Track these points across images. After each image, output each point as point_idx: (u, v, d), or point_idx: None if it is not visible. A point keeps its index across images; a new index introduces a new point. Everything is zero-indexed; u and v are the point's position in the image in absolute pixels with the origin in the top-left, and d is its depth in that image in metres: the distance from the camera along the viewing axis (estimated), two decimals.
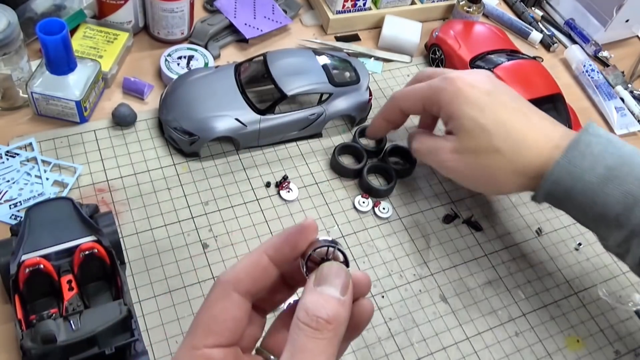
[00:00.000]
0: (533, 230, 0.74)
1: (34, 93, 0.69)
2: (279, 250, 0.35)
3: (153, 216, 0.66)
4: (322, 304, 0.31)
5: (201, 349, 0.33)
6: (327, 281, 0.32)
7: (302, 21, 0.93)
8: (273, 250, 0.35)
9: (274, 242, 0.35)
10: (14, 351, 0.55)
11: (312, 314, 0.31)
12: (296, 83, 0.72)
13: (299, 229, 0.35)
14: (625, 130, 0.89)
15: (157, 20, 0.81)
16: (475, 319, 0.65)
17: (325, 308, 0.31)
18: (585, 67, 0.95)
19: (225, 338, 0.33)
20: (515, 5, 1.05)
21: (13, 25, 0.65)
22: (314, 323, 0.31)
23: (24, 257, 0.53)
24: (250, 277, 0.34)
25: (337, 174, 0.74)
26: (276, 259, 0.35)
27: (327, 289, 0.32)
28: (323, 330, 0.31)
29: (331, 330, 0.31)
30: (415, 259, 0.68)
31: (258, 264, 0.35)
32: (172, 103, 0.71)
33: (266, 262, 0.35)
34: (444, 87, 0.63)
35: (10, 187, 0.65)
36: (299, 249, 0.35)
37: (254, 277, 0.34)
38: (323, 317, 0.31)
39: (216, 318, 0.33)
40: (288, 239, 0.35)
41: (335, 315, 0.31)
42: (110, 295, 0.57)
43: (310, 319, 0.31)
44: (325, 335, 0.31)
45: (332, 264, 0.33)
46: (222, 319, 0.33)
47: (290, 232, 0.35)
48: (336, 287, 0.32)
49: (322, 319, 0.31)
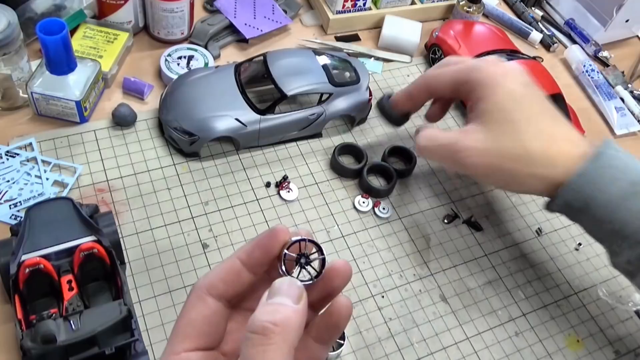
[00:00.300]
0: (533, 230, 0.74)
1: (34, 93, 0.69)
2: (250, 254, 0.35)
3: (153, 216, 0.66)
4: (272, 310, 0.31)
5: (180, 353, 0.33)
6: (278, 293, 0.32)
7: (302, 21, 0.93)
8: (245, 255, 0.35)
9: (246, 247, 0.35)
10: (14, 351, 0.55)
11: (258, 320, 0.30)
12: (296, 83, 0.72)
13: (270, 233, 0.35)
14: (625, 130, 0.89)
15: (157, 20, 0.81)
16: (475, 319, 0.65)
17: (273, 313, 0.31)
18: (585, 67, 0.95)
19: (202, 341, 0.34)
20: (515, 5, 1.05)
21: (13, 25, 0.65)
22: (260, 329, 0.30)
23: (24, 257, 0.53)
24: (223, 281, 0.35)
25: (337, 174, 0.74)
26: (249, 264, 0.35)
27: (277, 299, 0.32)
28: (270, 335, 0.30)
29: (279, 334, 0.30)
30: (415, 259, 0.68)
31: (231, 269, 0.35)
32: (172, 103, 0.71)
33: (239, 266, 0.35)
34: (480, 67, 0.60)
35: (10, 187, 0.65)
36: (271, 253, 0.35)
37: (226, 281, 0.35)
38: (270, 320, 0.30)
39: (192, 322, 0.34)
40: (259, 243, 0.35)
41: (282, 320, 0.30)
42: (110, 295, 0.57)
43: (257, 327, 0.30)
44: (272, 340, 0.29)
45: (284, 280, 0.33)
46: (199, 323, 0.34)
47: (261, 237, 0.35)
48: (288, 297, 0.32)
49: (269, 323, 0.30)
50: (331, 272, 0.35)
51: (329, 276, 0.35)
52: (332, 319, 0.35)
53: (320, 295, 0.36)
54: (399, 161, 0.77)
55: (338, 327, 0.36)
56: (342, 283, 0.36)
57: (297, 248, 0.34)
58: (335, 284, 0.35)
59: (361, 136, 0.79)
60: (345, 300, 0.35)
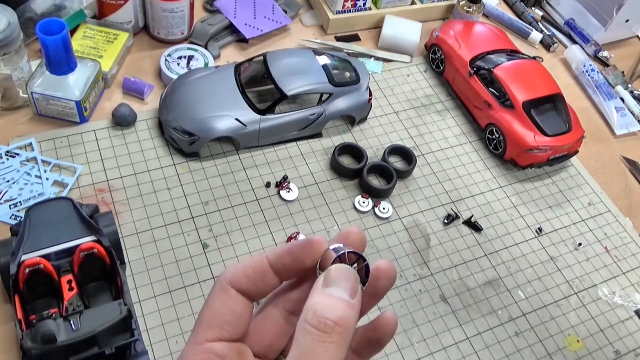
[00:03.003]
0: (533, 230, 0.74)
1: (34, 93, 0.69)
2: (279, 258, 0.34)
3: (153, 216, 0.66)
4: (331, 305, 0.30)
5: (203, 343, 0.33)
6: (336, 283, 0.31)
7: (302, 21, 0.93)
8: (274, 256, 0.34)
9: (277, 249, 0.34)
10: (14, 351, 0.55)
11: (320, 316, 0.30)
12: (296, 83, 0.72)
13: (305, 243, 0.34)
14: (625, 130, 0.89)
15: (157, 20, 0.81)
16: (475, 319, 0.65)
17: (335, 310, 0.30)
18: (585, 67, 0.95)
19: (226, 331, 0.33)
20: (515, 5, 1.05)
21: (13, 25, 0.65)
22: (322, 325, 0.29)
23: (24, 257, 0.53)
24: (248, 277, 0.34)
25: (337, 174, 0.74)
26: (276, 267, 0.34)
27: (335, 291, 0.31)
28: (332, 334, 0.29)
29: (340, 334, 0.30)
30: (415, 259, 0.68)
31: (257, 267, 0.34)
32: (172, 103, 0.71)
33: (265, 266, 0.34)
34: None
35: (10, 187, 0.65)
36: (302, 263, 0.34)
37: (251, 278, 0.34)
38: (332, 319, 0.30)
39: (216, 312, 0.33)
40: (290, 250, 0.34)
41: (344, 318, 0.30)
42: (110, 295, 0.57)
43: (319, 321, 0.30)
44: (333, 338, 0.29)
45: (341, 266, 0.32)
46: (222, 313, 0.33)
47: (294, 244, 0.34)
48: (345, 289, 0.31)
49: (331, 321, 0.30)
50: (376, 273, 0.34)
51: (374, 278, 0.34)
52: (376, 333, 0.35)
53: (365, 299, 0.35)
54: (399, 161, 0.77)
55: (380, 343, 0.35)
56: (388, 284, 0.35)
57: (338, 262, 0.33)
58: (381, 284, 0.34)
59: (361, 136, 0.79)
60: (392, 317, 0.35)
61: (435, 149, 0.80)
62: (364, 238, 0.34)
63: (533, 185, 0.79)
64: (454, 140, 0.82)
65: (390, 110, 0.83)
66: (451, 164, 0.79)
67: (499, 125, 0.78)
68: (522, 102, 0.76)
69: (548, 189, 0.79)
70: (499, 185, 0.78)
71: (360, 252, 0.33)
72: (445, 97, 0.87)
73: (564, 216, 0.76)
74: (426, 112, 0.84)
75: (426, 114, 0.84)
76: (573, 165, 0.82)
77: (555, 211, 0.76)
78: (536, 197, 0.77)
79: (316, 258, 0.33)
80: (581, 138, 0.79)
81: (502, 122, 0.77)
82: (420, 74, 0.89)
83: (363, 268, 0.33)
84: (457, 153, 0.80)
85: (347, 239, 0.34)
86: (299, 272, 0.34)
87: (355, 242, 0.34)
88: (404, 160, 0.77)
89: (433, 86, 0.88)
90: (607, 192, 0.80)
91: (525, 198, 0.77)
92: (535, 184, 0.79)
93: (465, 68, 0.82)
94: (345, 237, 0.34)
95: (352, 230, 0.34)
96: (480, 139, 0.82)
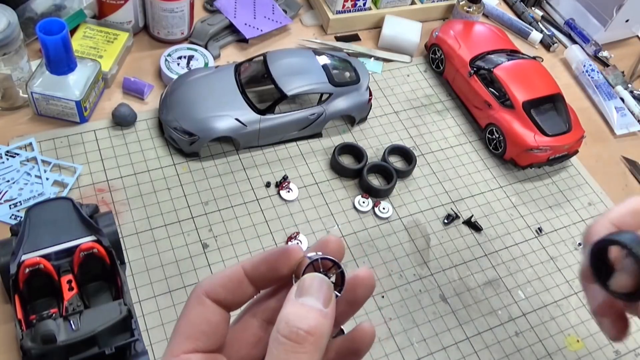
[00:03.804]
0: (533, 230, 0.74)
1: (34, 93, 0.69)
2: (255, 267, 0.34)
3: (153, 216, 0.66)
4: (304, 315, 0.30)
5: (179, 355, 0.32)
6: (309, 292, 0.31)
7: (302, 21, 0.93)
8: (250, 266, 0.34)
9: (253, 258, 0.34)
10: (14, 351, 0.55)
11: (292, 326, 0.30)
12: (296, 83, 0.72)
13: (280, 251, 0.34)
14: (625, 130, 0.89)
15: (157, 20, 0.81)
16: (475, 319, 0.65)
17: (307, 319, 0.30)
18: (585, 67, 0.95)
19: (202, 342, 0.33)
20: (515, 5, 1.05)
21: (13, 25, 0.65)
22: (294, 336, 0.29)
23: (24, 257, 0.53)
24: (224, 287, 0.34)
25: (337, 174, 0.74)
26: (252, 276, 0.34)
27: (308, 300, 0.31)
28: (304, 344, 0.29)
29: (312, 344, 0.29)
30: (415, 259, 0.68)
31: (233, 277, 0.34)
32: (172, 103, 0.71)
33: (241, 276, 0.34)
34: None
35: (10, 187, 0.65)
36: (278, 271, 0.34)
37: (227, 288, 0.34)
38: (304, 328, 0.29)
39: (191, 323, 0.33)
40: (267, 258, 0.34)
41: (317, 327, 0.30)
42: (110, 295, 0.57)
43: (291, 332, 0.29)
44: (306, 349, 0.29)
45: (313, 275, 0.32)
46: (197, 323, 0.33)
47: (270, 252, 0.34)
48: (318, 298, 0.31)
49: (303, 331, 0.29)
50: (354, 281, 0.34)
51: (352, 286, 0.34)
52: (354, 344, 0.35)
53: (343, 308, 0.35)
54: (399, 161, 0.77)
55: (358, 354, 0.35)
56: (367, 292, 0.35)
57: (312, 269, 0.33)
58: (359, 293, 0.34)
59: (361, 136, 0.79)
60: (369, 328, 0.35)
61: (435, 149, 0.80)
62: (342, 247, 0.34)
63: (533, 185, 0.79)
64: (454, 140, 0.82)
65: (390, 110, 0.83)
66: (451, 164, 0.79)
67: (499, 125, 0.78)
68: (522, 102, 0.76)
69: (548, 189, 0.79)
70: (499, 185, 0.78)
71: (335, 259, 0.33)
72: (445, 97, 0.87)
73: (564, 216, 0.76)
74: (426, 112, 0.84)
75: (426, 114, 0.84)
76: (573, 165, 0.82)
77: (555, 211, 0.76)
78: (536, 197, 0.77)
79: (292, 266, 0.33)
80: (581, 138, 0.79)
81: (502, 122, 0.77)
82: (420, 74, 0.89)
83: (339, 275, 0.33)
84: (457, 153, 0.80)
85: (325, 247, 0.34)
86: (275, 281, 0.34)
87: (333, 251, 0.34)
88: (404, 160, 0.77)
89: (433, 86, 0.88)
90: (607, 192, 0.80)
91: (525, 198, 0.77)
92: (535, 184, 0.79)
93: (465, 68, 0.82)
94: (324, 246, 0.34)
95: (330, 239, 0.34)
96: (480, 139, 0.82)
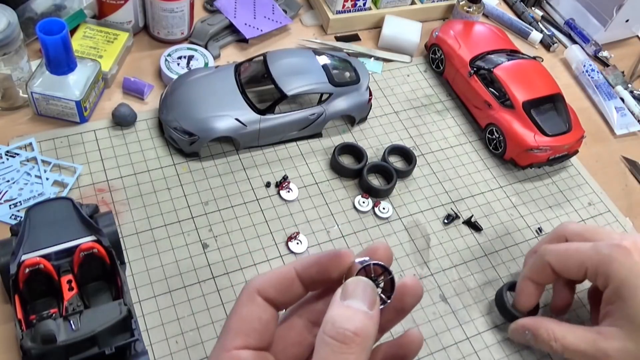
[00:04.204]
0: (533, 230, 0.74)
1: (34, 93, 0.69)
2: (306, 268, 0.35)
3: (153, 216, 0.66)
4: (350, 317, 0.31)
5: (230, 350, 0.33)
6: (354, 295, 0.32)
7: (302, 21, 0.93)
8: (301, 267, 0.35)
9: (304, 259, 0.35)
10: (14, 351, 0.55)
11: (339, 327, 0.30)
12: (296, 83, 0.72)
13: (332, 254, 0.34)
14: (625, 130, 0.89)
15: (157, 20, 0.81)
16: (475, 319, 0.65)
17: (353, 321, 0.30)
18: (585, 67, 0.95)
19: (253, 339, 0.33)
20: (515, 5, 1.05)
21: (13, 25, 0.65)
22: (341, 337, 0.30)
23: (24, 257, 0.53)
24: (274, 287, 0.35)
25: (337, 174, 0.74)
26: (303, 277, 0.35)
27: (354, 303, 0.31)
28: (351, 345, 0.30)
29: (359, 344, 0.30)
30: (415, 259, 0.68)
31: (284, 276, 0.35)
32: (172, 103, 0.71)
33: (293, 276, 0.35)
34: (617, 259, 0.51)
35: (10, 187, 0.65)
36: (329, 274, 0.34)
37: (278, 287, 0.35)
38: (351, 329, 0.30)
39: (243, 319, 0.34)
40: (318, 261, 0.34)
41: (363, 329, 0.30)
42: (110, 295, 0.57)
43: (337, 333, 0.30)
44: (352, 349, 0.30)
45: (358, 279, 0.33)
46: (249, 320, 0.34)
47: (322, 255, 0.35)
48: (363, 300, 0.31)
49: (350, 332, 0.30)
50: (402, 289, 0.34)
51: (399, 294, 0.34)
52: (401, 350, 0.35)
53: (390, 315, 0.35)
54: (399, 161, 0.77)
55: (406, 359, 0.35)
56: (414, 301, 0.35)
57: (363, 274, 0.33)
58: (407, 301, 0.35)
59: (361, 136, 0.79)
60: (418, 334, 0.35)
61: (435, 149, 0.80)
62: (390, 254, 0.35)
63: (533, 185, 0.79)
64: (454, 140, 0.82)
65: (390, 110, 0.83)
66: (451, 164, 0.79)
67: (499, 125, 0.78)
68: (522, 102, 0.76)
69: (548, 189, 0.79)
70: (499, 185, 0.78)
71: (386, 265, 0.33)
72: (445, 97, 0.87)
73: (564, 216, 0.76)
74: (426, 112, 0.84)
75: (426, 114, 0.84)
76: (573, 165, 0.82)
77: (555, 211, 0.76)
78: (536, 197, 0.77)
79: (343, 270, 0.34)
80: (581, 138, 0.79)
81: (502, 122, 0.77)
82: (420, 74, 0.89)
83: (388, 282, 0.33)
84: (457, 153, 0.80)
85: (374, 254, 0.34)
86: (325, 283, 0.35)
87: (383, 257, 0.34)
88: (404, 160, 0.77)
89: (433, 86, 0.88)
90: (607, 192, 0.80)
91: (525, 198, 0.77)
92: (535, 184, 0.79)
93: (465, 68, 0.82)
94: (373, 252, 0.34)
95: (379, 245, 0.35)
96: (480, 139, 0.82)
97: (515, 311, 0.62)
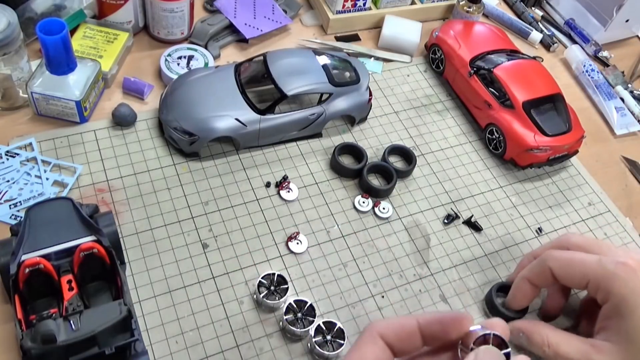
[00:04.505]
0: (533, 230, 0.74)
1: (34, 93, 0.69)
2: (430, 323, 0.36)
3: (153, 216, 0.66)
4: None
5: None
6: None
7: (302, 21, 0.93)
8: (425, 321, 0.36)
9: (428, 314, 0.37)
10: (14, 351, 0.55)
11: None
12: (296, 83, 0.72)
13: (456, 316, 0.36)
14: (625, 130, 0.89)
15: (157, 20, 0.81)
16: (475, 319, 0.65)
17: None
18: (585, 67, 0.95)
19: None
20: (515, 5, 1.05)
21: (13, 25, 0.65)
22: None
23: (24, 257, 0.53)
24: (396, 333, 0.36)
25: (337, 174, 0.74)
26: (425, 331, 0.36)
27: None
28: None
29: None
30: (415, 259, 0.68)
31: (407, 326, 0.36)
32: (172, 103, 0.71)
33: (414, 327, 0.36)
34: (621, 277, 0.51)
35: (10, 187, 0.65)
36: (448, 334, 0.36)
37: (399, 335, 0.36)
38: None
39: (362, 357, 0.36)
40: (441, 319, 0.36)
41: None
42: (110, 295, 0.57)
43: None
44: None
45: (490, 349, 0.34)
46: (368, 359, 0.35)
47: (446, 314, 0.36)
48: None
49: None
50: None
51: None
52: None
53: None
54: (399, 161, 0.77)
55: None
56: None
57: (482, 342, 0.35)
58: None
59: (361, 136, 0.79)
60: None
61: (435, 149, 0.80)
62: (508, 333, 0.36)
63: (533, 185, 0.79)
64: (454, 140, 0.82)
65: (390, 110, 0.83)
66: (451, 164, 0.79)
67: (499, 125, 0.78)
68: (522, 102, 0.76)
69: (548, 189, 0.79)
70: (499, 185, 0.78)
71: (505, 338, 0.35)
72: (445, 97, 0.87)
73: (564, 216, 0.76)
74: (426, 112, 0.84)
75: (426, 114, 0.84)
76: (573, 165, 0.82)
77: (555, 211, 0.76)
78: (536, 197, 0.77)
79: (462, 333, 0.35)
80: (581, 138, 0.79)
81: (502, 122, 0.77)
82: (420, 74, 0.89)
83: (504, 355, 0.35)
84: (457, 153, 0.80)
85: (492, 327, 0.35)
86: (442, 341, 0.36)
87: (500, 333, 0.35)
88: (404, 160, 0.77)
89: (433, 86, 0.88)
90: (607, 192, 0.80)
91: (525, 198, 0.77)
92: (535, 184, 0.79)
93: (465, 68, 0.82)
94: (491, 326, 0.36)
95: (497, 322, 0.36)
96: (480, 139, 0.82)
97: (505, 310, 0.63)
